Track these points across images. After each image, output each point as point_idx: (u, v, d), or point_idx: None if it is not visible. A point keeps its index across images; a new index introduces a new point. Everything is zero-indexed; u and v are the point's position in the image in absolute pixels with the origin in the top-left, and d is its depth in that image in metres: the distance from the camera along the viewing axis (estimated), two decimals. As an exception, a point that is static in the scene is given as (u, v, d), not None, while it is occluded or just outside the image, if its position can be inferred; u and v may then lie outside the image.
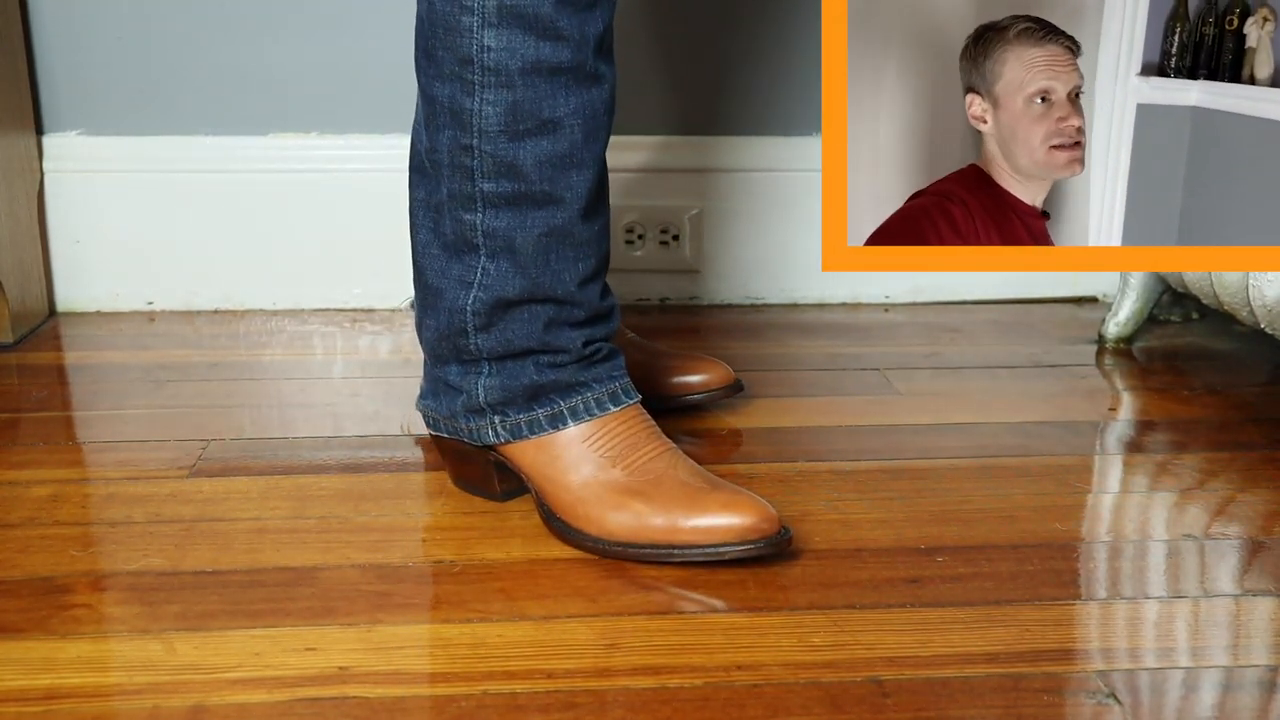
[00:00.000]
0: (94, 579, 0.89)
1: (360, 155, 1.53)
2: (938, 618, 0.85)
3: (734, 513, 0.89)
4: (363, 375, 1.34)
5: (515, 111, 0.88)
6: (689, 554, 0.90)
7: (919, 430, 1.19)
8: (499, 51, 0.87)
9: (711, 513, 0.90)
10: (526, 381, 0.95)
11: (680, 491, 0.91)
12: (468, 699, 0.76)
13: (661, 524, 0.90)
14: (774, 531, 0.90)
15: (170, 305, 1.55)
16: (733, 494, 0.91)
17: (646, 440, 0.95)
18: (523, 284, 0.93)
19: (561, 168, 0.90)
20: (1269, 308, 1.20)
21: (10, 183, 1.42)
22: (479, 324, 0.94)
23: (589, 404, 0.96)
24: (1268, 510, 1.02)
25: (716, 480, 0.93)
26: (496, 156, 0.89)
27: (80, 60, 1.50)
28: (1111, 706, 0.76)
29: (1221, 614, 0.87)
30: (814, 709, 0.75)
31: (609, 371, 0.97)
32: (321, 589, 0.88)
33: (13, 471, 1.07)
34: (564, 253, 0.93)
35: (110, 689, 0.76)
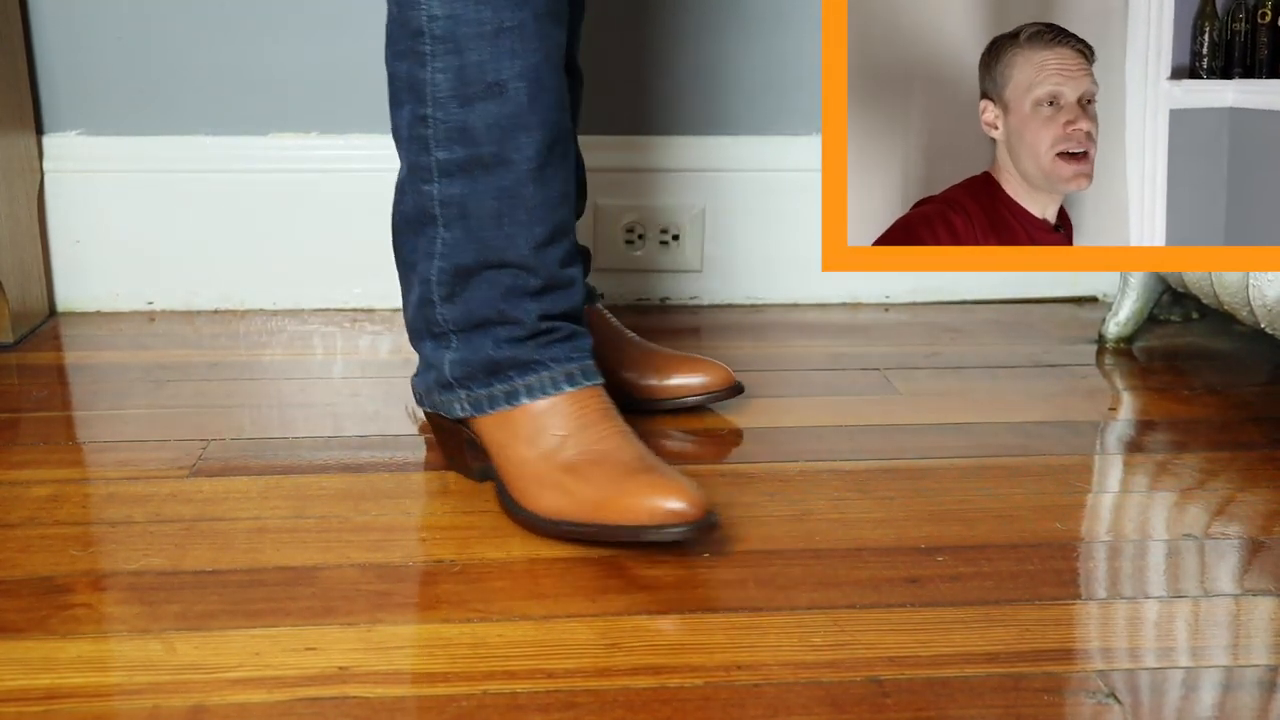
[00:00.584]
0: (94, 579, 0.89)
1: (360, 155, 1.53)
2: (938, 618, 0.85)
3: (659, 495, 0.89)
4: (363, 375, 1.34)
5: (463, 76, 0.91)
6: (615, 534, 0.91)
7: (919, 430, 1.19)
8: (445, 19, 0.91)
9: (637, 495, 0.90)
10: (485, 356, 0.97)
11: (615, 473, 0.92)
12: (468, 699, 0.76)
13: (590, 504, 0.91)
14: (697, 517, 0.89)
15: (170, 305, 1.55)
16: (662, 478, 0.91)
17: (599, 421, 0.96)
18: (477, 249, 0.95)
19: (510, 130, 0.92)
20: (1269, 308, 1.20)
21: (10, 183, 1.42)
22: (443, 294, 0.97)
23: (544, 383, 0.97)
24: (1268, 510, 1.02)
25: (655, 464, 0.93)
26: (449, 123, 0.93)
27: (80, 60, 1.50)
28: (1111, 706, 0.76)
29: (1221, 614, 0.87)
30: (814, 709, 0.75)
31: (568, 352, 0.98)
32: (321, 589, 0.88)
33: (13, 471, 1.07)
34: (516, 215, 0.94)
35: (110, 689, 0.76)
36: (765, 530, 0.98)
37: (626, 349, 1.18)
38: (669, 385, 1.18)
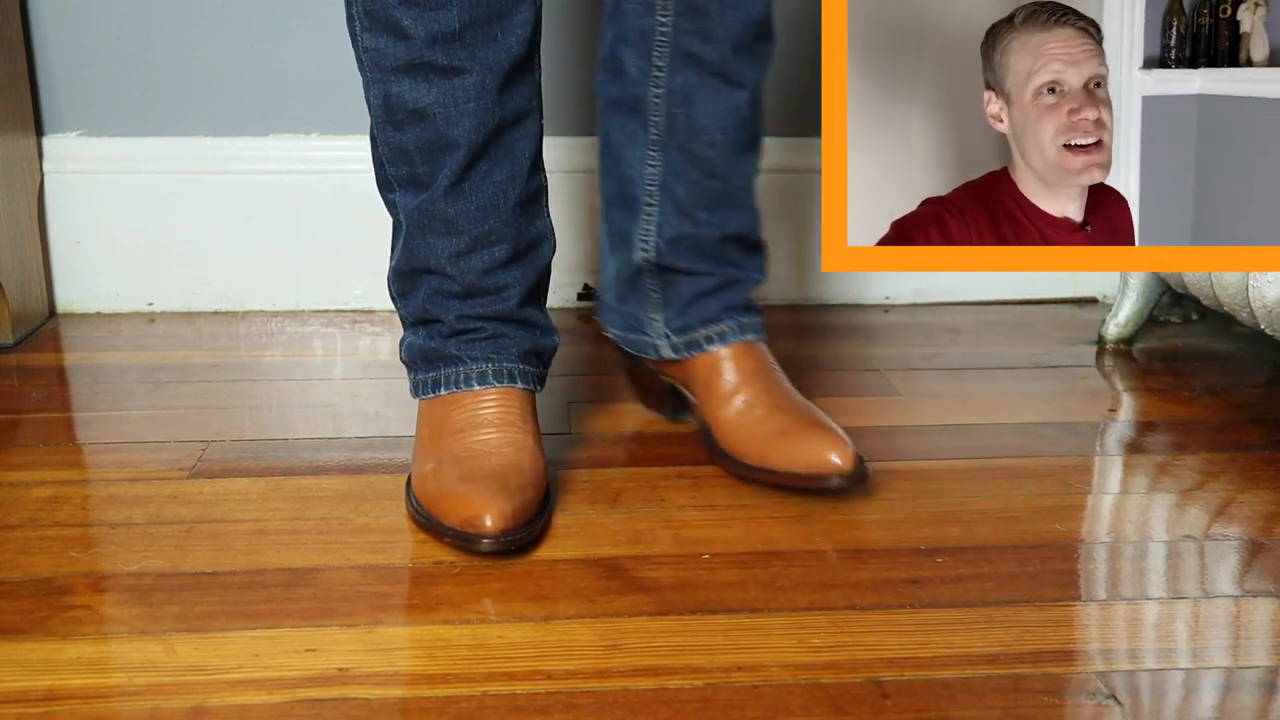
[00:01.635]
0: (94, 580, 0.89)
1: (360, 155, 1.53)
2: (938, 618, 0.85)
3: (470, 509, 0.92)
4: (363, 376, 1.34)
5: (390, 104, 0.98)
6: (439, 531, 0.95)
7: (919, 430, 1.19)
8: (372, 51, 0.97)
9: (455, 503, 0.94)
10: (419, 345, 1.05)
11: (453, 478, 0.96)
12: (468, 700, 0.76)
13: (428, 497, 0.97)
14: (493, 532, 0.91)
15: (170, 306, 1.55)
16: (474, 493, 0.93)
17: (488, 425, 1.00)
18: (408, 256, 1.03)
19: (434, 151, 0.99)
20: (1269, 308, 1.20)
21: (10, 183, 1.42)
22: (396, 290, 1.06)
23: (458, 376, 1.03)
24: (1268, 511, 1.02)
25: (485, 479, 0.95)
26: (389, 143, 1.00)
27: (80, 60, 1.50)
28: (1111, 707, 0.76)
29: (1221, 615, 0.87)
30: (814, 710, 0.75)
31: (487, 352, 1.03)
32: (321, 590, 0.88)
33: (13, 472, 1.07)
34: (435, 228, 1.01)
35: (110, 690, 0.76)
36: (765, 531, 0.98)
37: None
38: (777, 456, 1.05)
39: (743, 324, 1.11)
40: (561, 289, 1.59)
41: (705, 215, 1.09)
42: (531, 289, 1.05)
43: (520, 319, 1.05)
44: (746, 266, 1.12)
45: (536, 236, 1.05)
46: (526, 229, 1.03)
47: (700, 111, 1.05)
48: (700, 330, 1.11)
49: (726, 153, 1.07)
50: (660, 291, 1.12)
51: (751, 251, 1.13)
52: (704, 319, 1.11)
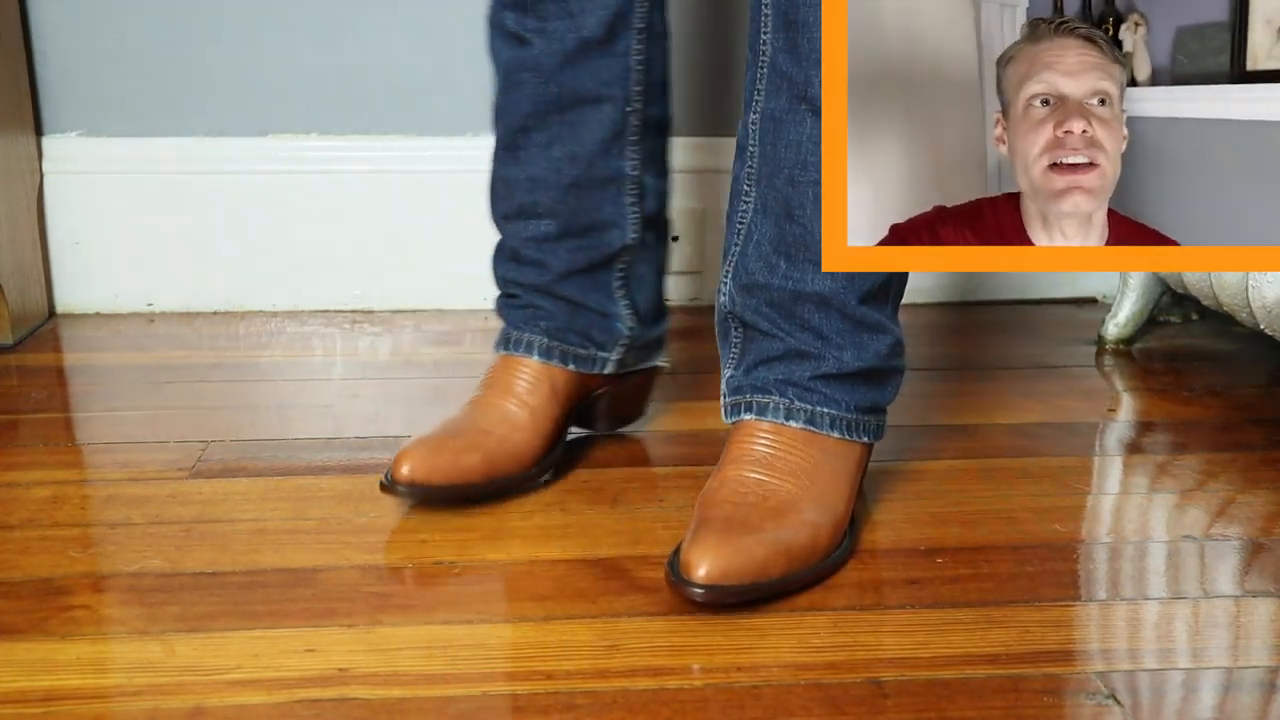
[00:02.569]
0: (93, 580, 0.89)
1: (359, 156, 1.53)
2: (938, 619, 0.85)
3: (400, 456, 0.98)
4: (362, 376, 1.34)
5: (497, 72, 1.05)
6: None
7: (919, 430, 1.19)
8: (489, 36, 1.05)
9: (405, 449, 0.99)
10: (495, 307, 1.12)
11: (435, 429, 1.02)
12: (468, 700, 0.76)
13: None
14: (409, 481, 0.97)
15: (170, 306, 1.55)
16: (418, 443, 0.98)
17: (487, 389, 1.06)
18: (490, 202, 1.09)
19: (499, 109, 1.04)
20: (1269, 308, 1.20)
21: (10, 183, 1.42)
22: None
23: (498, 337, 1.09)
24: (1268, 511, 1.02)
25: (444, 433, 1.00)
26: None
27: (80, 60, 1.49)
28: (1111, 707, 0.76)
29: (1221, 615, 0.87)
30: (814, 710, 0.75)
31: (516, 319, 1.08)
32: (321, 590, 0.88)
33: (13, 473, 1.07)
34: (495, 184, 1.07)
35: (110, 690, 0.76)
36: (765, 531, 0.97)
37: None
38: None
39: (790, 407, 0.94)
40: (561, 289, 1.58)
41: (785, 265, 0.94)
42: (584, 270, 1.05)
43: (561, 295, 1.05)
44: (828, 337, 0.94)
45: (598, 222, 1.04)
46: (584, 211, 1.03)
47: (785, 142, 0.93)
48: (748, 396, 0.96)
49: (808, 193, 0.92)
50: (738, 345, 0.98)
51: (842, 320, 0.94)
52: (755, 385, 0.96)
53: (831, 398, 0.94)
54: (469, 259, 1.56)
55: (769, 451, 0.93)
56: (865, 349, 0.95)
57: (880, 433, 0.99)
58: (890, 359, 0.97)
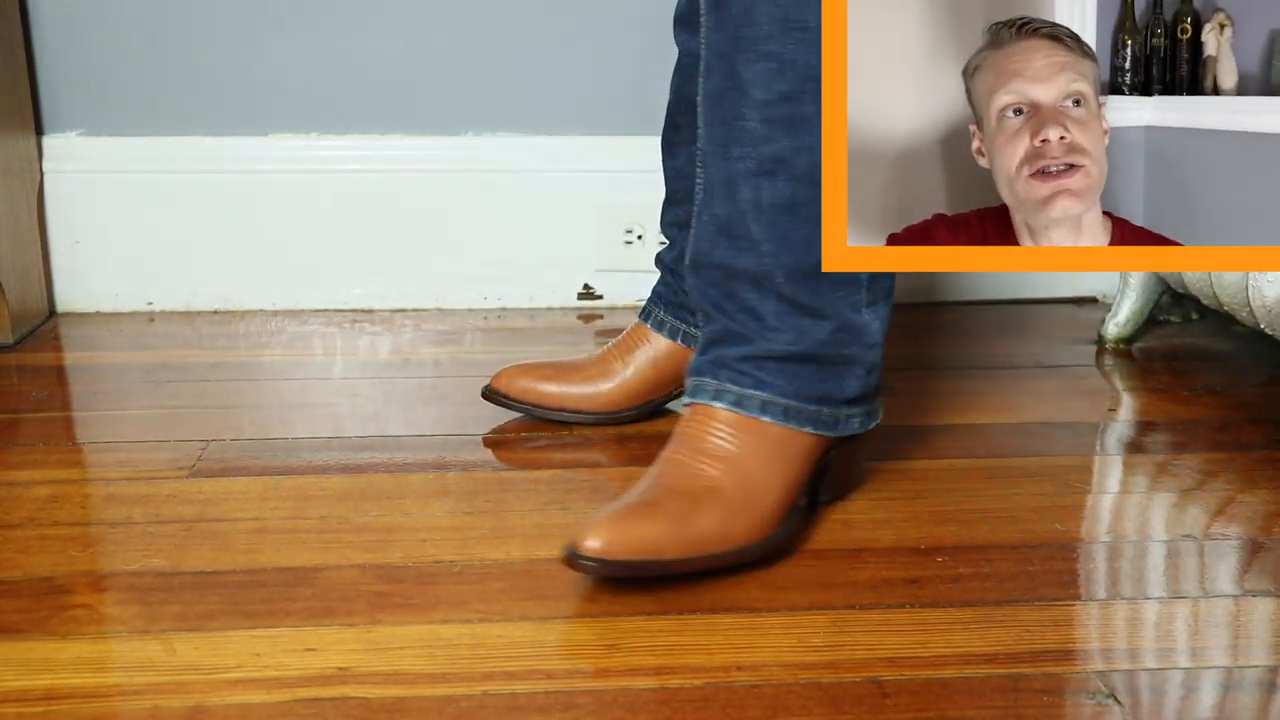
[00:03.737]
0: (94, 579, 0.89)
1: (360, 155, 1.53)
2: (938, 618, 0.85)
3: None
4: (362, 376, 1.34)
5: None
6: None
7: (919, 429, 1.18)
8: None
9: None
10: None
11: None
12: (468, 699, 0.76)
13: None
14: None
15: (170, 305, 1.55)
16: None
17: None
18: None
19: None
20: (1269, 308, 1.20)
21: (10, 183, 1.42)
22: None
23: None
24: (1268, 510, 1.02)
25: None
26: None
27: (80, 60, 1.49)
28: (1111, 707, 0.76)
29: (1221, 614, 0.87)
30: (814, 709, 0.75)
31: (653, 287, 1.21)
32: (321, 589, 0.88)
33: (13, 472, 1.07)
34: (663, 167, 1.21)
35: (110, 689, 0.76)
36: (765, 531, 0.97)
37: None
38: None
39: (719, 389, 0.93)
40: (561, 288, 1.58)
41: (725, 244, 0.93)
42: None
43: (677, 271, 1.14)
44: (763, 319, 0.93)
45: None
46: None
47: (719, 119, 0.93)
48: (692, 378, 0.97)
49: (740, 169, 0.92)
50: (702, 328, 0.99)
51: (778, 302, 0.93)
52: (696, 368, 0.97)
53: (765, 381, 0.92)
54: (469, 258, 1.56)
55: (698, 434, 0.92)
56: (804, 334, 0.93)
57: (839, 427, 0.96)
58: (836, 346, 0.93)
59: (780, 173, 0.89)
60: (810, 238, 0.90)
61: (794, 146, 0.88)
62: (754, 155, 0.90)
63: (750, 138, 0.89)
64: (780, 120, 0.88)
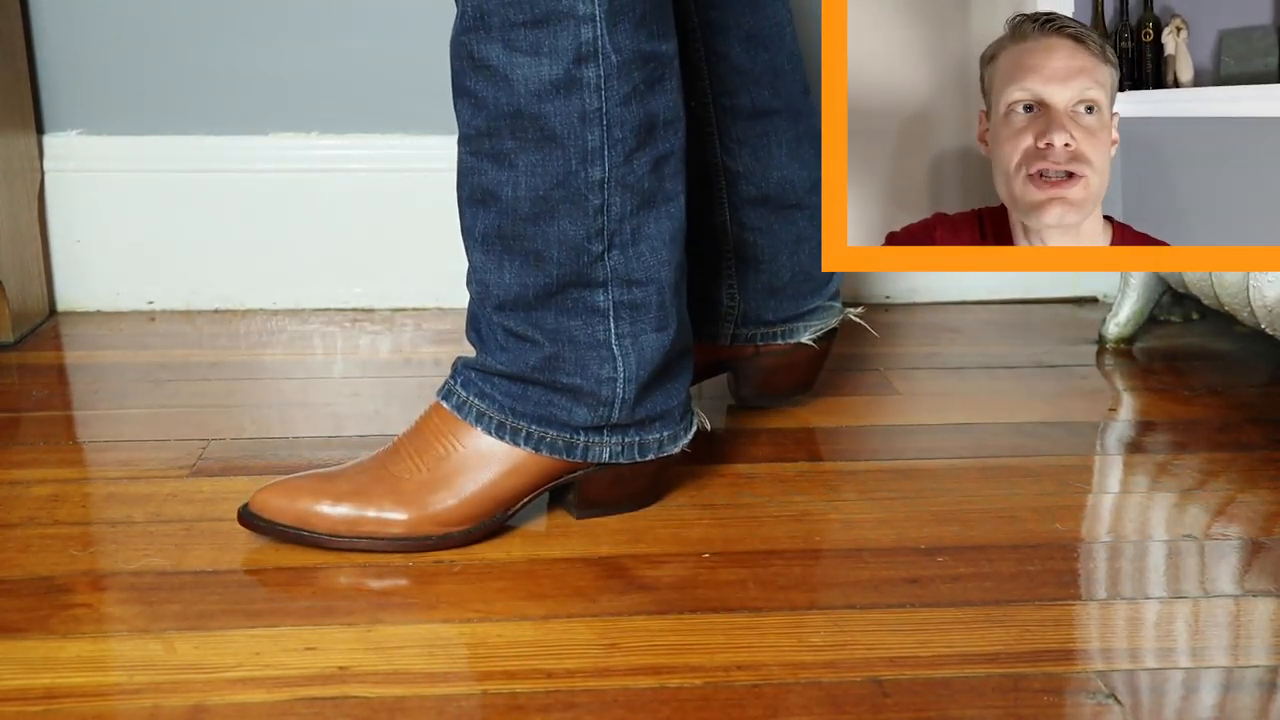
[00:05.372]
0: (94, 578, 0.89)
1: (360, 155, 1.53)
2: (938, 618, 0.85)
3: None
4: (363, 375, 1.34)
5: None
6: None
7: (919, 430, 1.19)
8: None
9: None
10: None
11: None
12: (468, 699, 0.76)
13: None
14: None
15: (170, 305, 1.55)
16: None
17: None
18: None
19: None
20: (1269, 308, 1.20)
21: (10, 183, 1.42)
22: None
23: None
24: (1268, 510, 1.02)
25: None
26: None
27: (80, 60, 1.49)
28: (1111, 707, 0.76)
29: (1221, 614, 0.87)
30: (814, 709, 0.75)
31: None
32: (321, 589, 0.88)
33: (13, 471, 1.07)
34: None
35: (110, 688, 0.76)
36: (765, 530, 0.98)
37: None
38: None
39: (450, 387, 0.96)
40: (562, 288, 1.58)
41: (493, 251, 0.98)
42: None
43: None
44: (490, 335, 0.97)
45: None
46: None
47: None
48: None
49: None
50: None
51: (494, 323, 0.97)
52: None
53: (486, 392, 0.95)
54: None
55: (421, 425, 0.96)
56: (519, 357, 0.94)
57: (577, 452, 0.95)
58: (553, 374, 0.93)
59: (490, 204, 0.92)
60: (522, 268, 0.92)
61: (498, 180, 0.91)
62: (467, 184, 0.94)
63: (463, 166, 0.93)
64: (484, 154, 0.91)
